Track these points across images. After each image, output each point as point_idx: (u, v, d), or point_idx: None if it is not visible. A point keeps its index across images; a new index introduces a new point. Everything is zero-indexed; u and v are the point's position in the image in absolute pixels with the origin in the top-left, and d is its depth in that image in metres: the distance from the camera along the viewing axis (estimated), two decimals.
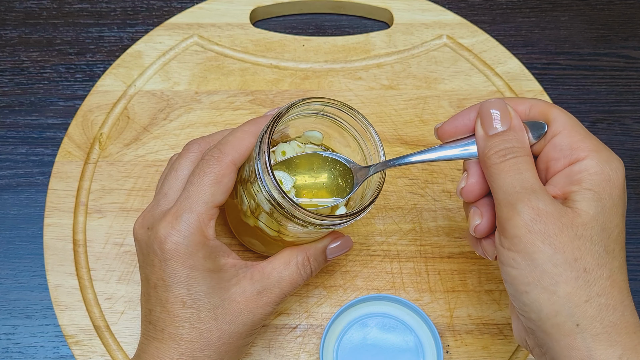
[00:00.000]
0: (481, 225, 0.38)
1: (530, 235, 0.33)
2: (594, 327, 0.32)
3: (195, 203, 0.38)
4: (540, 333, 0.34)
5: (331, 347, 0.47)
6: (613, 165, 0.35)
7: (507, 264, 0.34)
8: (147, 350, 0.39)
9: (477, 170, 0.38)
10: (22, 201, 0.55)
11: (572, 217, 0.33)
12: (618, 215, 0.35)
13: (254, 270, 0.41)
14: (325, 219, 0.38)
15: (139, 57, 0.58)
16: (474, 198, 0.38)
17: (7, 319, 0.51)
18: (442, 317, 0.50)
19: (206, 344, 0.39)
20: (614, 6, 0.64)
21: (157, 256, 0.38)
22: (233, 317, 0.39)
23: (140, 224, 0.41)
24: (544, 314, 0.33)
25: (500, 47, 0.59)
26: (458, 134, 0.39)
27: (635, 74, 0.61)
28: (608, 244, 0.34)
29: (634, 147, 0.58)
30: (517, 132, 0.36)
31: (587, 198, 0.34)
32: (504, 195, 0.35)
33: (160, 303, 0.39)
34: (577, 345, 0.33)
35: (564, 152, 0.36)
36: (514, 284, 0.34)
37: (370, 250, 0.52)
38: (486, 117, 0.37)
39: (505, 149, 0.35)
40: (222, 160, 0.39)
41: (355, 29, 0.62)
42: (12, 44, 0.61)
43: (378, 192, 0.40)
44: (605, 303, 0.33)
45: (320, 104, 0.40)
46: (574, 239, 0.33)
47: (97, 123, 0.55)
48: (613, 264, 0.34)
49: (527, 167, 0.35)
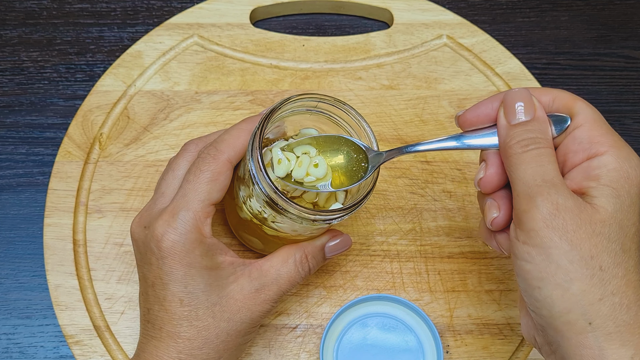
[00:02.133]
0: (499, 218, 0.37)
1: (547, 230, 0.32)
2: (607, 326, 0.32)
3: (191, 201, 0.38)
4: (551, 330, 0.34)
5: (331, 347, 0.47)
6: (632, 163, 0.34)
7: (522, 258, 0.34)
8: (145, 349, 0.39)
9: (497, 160, 0.37)
10: (22, 201, 0.55)
11: (590, 214, 0.33)
12: (635, 214, 0.34)
13: (251, 267, 0.41)
14: (319, 214, 0.38)
15: (139, 57, 0.58)
16: (491, 189, 0.37)
17: (7, 319, 0.51)
18: (442, 317, 0.50)
19: (204, 342, 0.39)
20: (614, 6, 0.64)
21: (154, 254, 0.38)
22: (231, 315, 0.39)
23: (138, 223, 0.41)
24: (556, 311, 0.33)
25: (500, 47, 0.59)
26: (480, 122, 0.38)
27: (635, 74, 0.61)
28: (625, 242, 0.33)
29: (634, 147, 0.57)
30: (541, 123, 0.35)
31: (605, 194, 0.33)
32: (523, 187, 0.34)
33: (158, 301, 0.39)
34: (588, 344, 0.32)
35: (583, 146, 0.35)
36: (527, 278, 0.34)
37: (370, 250, 0.52)
38: (510, 106, 0.36)
39: (528, 139, 0.35)
40: (218, 158, 0.39)
41: (355, 29, 0.62)
42: (12, 44, 0.61)
43: (373, 185, 0.39)
44: (619, 302, 0.32)
45: (314, 100, 0.40)
46: (591, 236, 0.32)
47: (97, 123, 0.55)
48: (629, 263, 0.33)
49: (549, 159, 0.34)
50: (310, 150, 0.41)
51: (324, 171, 0.40)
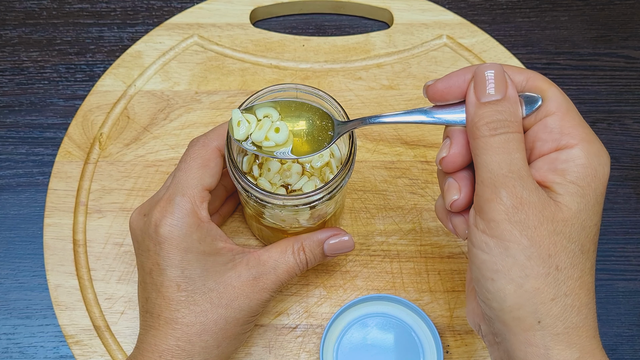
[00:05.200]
0: (459, 201, 0.35)
1: (508, 223, 0.32)
2: (556, 326, 0.32)
3: (185, 187, 0.40)
4: (499, 323, 0.33)
5: (331, 347, 0.47)
6: (602, 160, 0.33)
7: (478, 247, 0.33)
8: (144, 340, 0.40)
9: (462, 139, 0.35)
10: (22, 201, 0.55)
11: (554, 211, 0.32)
12: (598, 214, 0.33)
13: (250, 256, 0.41)
14: (280, 196, 0.38)
15: (139, 57, 0.58)
16: (453, 169, 0.36)
17: (7, 319, 0.51)
18: (442, 317, 0.50)
19: (203, 329, 0.39)
20: (614, 6, 0.64)
21: (152, 240, 0.39)
22: (229, 301, 0.39)
23: (138, 212, 0.42)
24: (507, 305, 0.32)
25: (500, 47, 0.59)
26: (450, 94, 0.35)
27: (635, 74, 0.61)
28: (585, 243, 0.33)
29: (633, 147, 0.58)
30: (512, 104, 0.33)
31: (570, 192, 0.32)
32: (488, 174, 0.32)
33: (155, 288, 0.39)
34: (535, 342, 0.32)
35: (553, 135, 0.34)
36: (482, 268, 0.33)
37: (370, 250, 0.52)
38: (480, 81, 0.34)
39: (497, 121, 0.33)
40: (207, 145, 0.41)
41: (355, 29, 0.62)
42: (12, 44, 0.61)
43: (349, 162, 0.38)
44: (571, 304, 0.32)
45: (279, 91, 0.40)
46: (552, 235, 0.32)
47: (97, 123, 0.55)
48: (586, 265, 0.33)
49: (517, 146, 0.33)
50: (273, 113, 0.40)
51: (284, 137, 0.39)
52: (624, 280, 0.52)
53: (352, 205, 0.53)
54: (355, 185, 0.53)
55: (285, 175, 0.44)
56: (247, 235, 0.52)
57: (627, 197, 0.56)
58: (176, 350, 0.38)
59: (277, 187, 0.43)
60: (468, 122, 0.34)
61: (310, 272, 0.51)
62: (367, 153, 0.55)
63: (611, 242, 0.54)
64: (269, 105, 0.40)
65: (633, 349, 0.50)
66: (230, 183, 0.47)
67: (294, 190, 0.43)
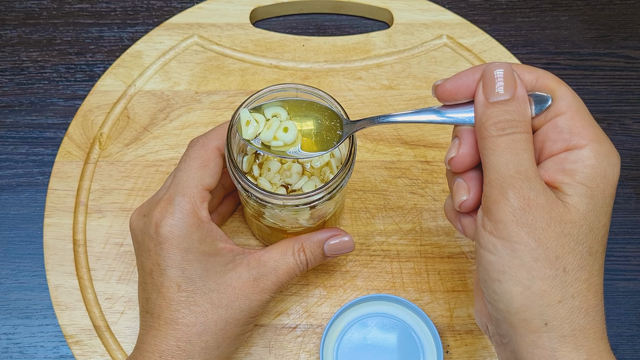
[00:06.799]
0: (468, 201, 0.35)
1: (516, 225, 0.31)
2: (563, 328, 0.32)
3: (185, 187, 0.40)
4: (505, 324, 0.33)
5: (331, 347, 0.47)
6: (611, 161, 0.33)
7: (486, 248, 0.33)
8: (144, 340, 0.39)
9: (471, 139, 0.35)
10: (22, 201, 0.55)
11: (561, 212, 0.32)
12: (607, 215, 0.33)
13: (250, 257, 0.41)
14: (280, 196, 0.38)
15: (139, 57, 0.58)
16: (462, 169, 0.35)
17: (7, 319, 0.51)
18: (442, 317, 0.50)
19: (203, 329, 0.39)
20: (614, 6, 0.64)
21: (152, 240, 0.39)
22: (229, 302, 0.39)
23: (138, 213, 0.42)
24: (514, 307, 0.32)
25: (500, 47, 0.59)
26: (459, 94, 0.35)
27: (635, 74, 0.61)
28: (592, 245, 0.32)
29: (633, 147, 0.58)
30: (520, 103, 0.33)
31: (579, 193, 0.32)
32: (496, 175, 0.32)
33: (155, 288, 0.39)
34: (542, 344, 0.32)
35: (563, 135, 0.33)
36: (489, 269, 0.33)
37: (370, 250, 0.52)
38: (489, 81, 0.33)
39: (505, 121, 0.32)
40: (207, 145, 0.41)
41: (355, 29, 0.62)
42: (12, 44, 0.61)
43: (349, 161, 0.38)
44: (579, 306, 0.32)
45: (279, 91, 0.40)
46: (560, 236, 0.31)
47: (97, 123, 0.55)
48: (593, 267, 0.32)
49: (525, 147, 0.32)
50: (281, 113, 0.40)
51: (293, 136, 0.39)
52: (624, 280, 0.52)
53: (352, 205, 0.53)
54: (355, 185, 0.53)
55: (286, 175, 0.44)
56: (247, 235, 0.52)
57: (627, 197, 0.56)
58: (176, 350, 0.38)
59: (277, 187, 0.43)
60: (476, 122, 0.34)
61: (310, 272, 0.51)
62: (367, 153, 0.55)
63: (611, 242, 0.54)
64: (277, 105, 0.40)
65: (633, 349, 0.50)
66: (229, 181, 0.47)
67: (294, 190, 0.43)
